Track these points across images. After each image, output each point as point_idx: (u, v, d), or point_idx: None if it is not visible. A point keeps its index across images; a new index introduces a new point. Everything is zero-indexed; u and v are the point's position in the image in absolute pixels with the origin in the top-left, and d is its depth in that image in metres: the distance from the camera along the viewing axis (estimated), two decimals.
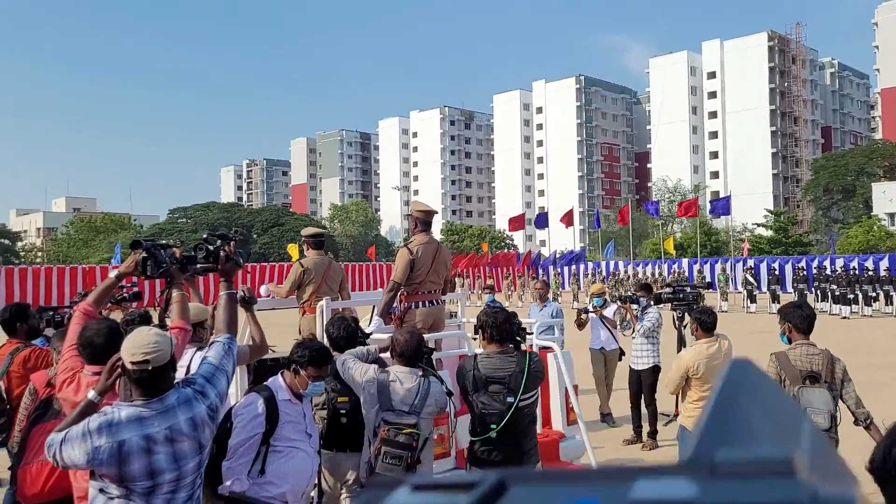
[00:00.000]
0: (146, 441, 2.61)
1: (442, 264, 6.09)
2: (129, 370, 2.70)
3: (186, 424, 2.71)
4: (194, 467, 2.76)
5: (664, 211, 62.25)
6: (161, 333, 2.81)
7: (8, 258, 60.73)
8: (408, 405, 3.93)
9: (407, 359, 4.08)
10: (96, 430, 2.58)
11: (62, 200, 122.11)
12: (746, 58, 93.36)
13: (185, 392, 2.78)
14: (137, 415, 2.64)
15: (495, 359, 4.12)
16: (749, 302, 28.45)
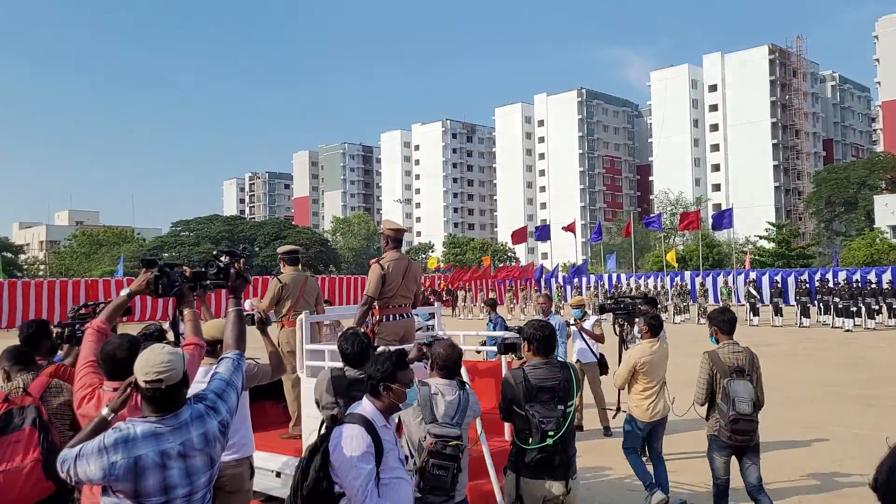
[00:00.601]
0: (161, 457, 2.63)
1: (412, 279, 6.45)
2: (143, 388, 2.73)
3: (199, 440, 2.74)
4: (205, 482, 2.78)
5: (666, 224, 62.30)
6: (174, 352, 2.84)
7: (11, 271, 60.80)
8: (450, 417, 4.05)
9: (447, 371, 4.23)
10: (112, 446, 2.60)
11: (65, 214, 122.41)
12: (747, 71, 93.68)
13: (197, 408, 2.81)
14: (152, 431, 2.66)
15: (543, 369, 4.33)
16: (752, 315, 28.40)
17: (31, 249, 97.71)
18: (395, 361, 3.56)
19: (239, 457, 4.54)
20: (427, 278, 47.39)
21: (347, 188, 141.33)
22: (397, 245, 6.50)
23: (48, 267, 78.52)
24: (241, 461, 4.57)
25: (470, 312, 38.19)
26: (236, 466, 4.53)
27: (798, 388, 13.16)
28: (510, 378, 4.38)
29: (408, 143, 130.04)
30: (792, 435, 9.40)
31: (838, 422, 10.13)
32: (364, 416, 3.43)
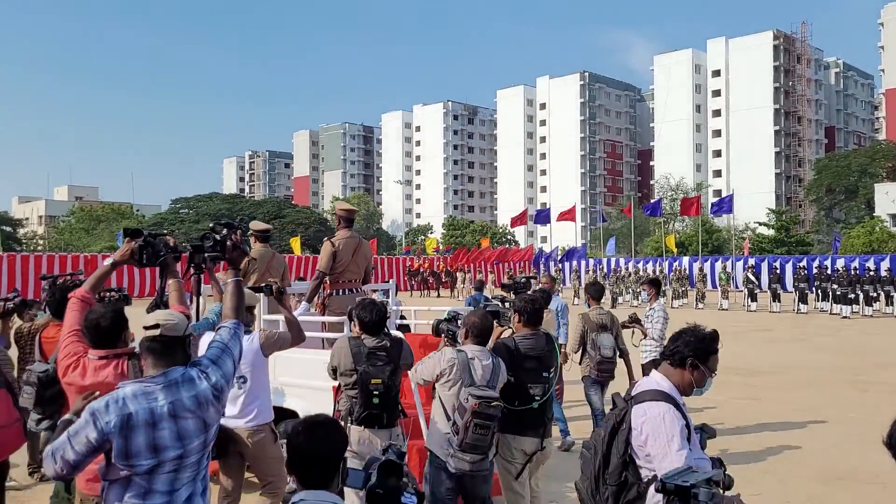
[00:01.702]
0: (151, 415, 2.61)
1: (362, 257, 6.95)
2: (143, 340, 2.77)
3: (190, 401, 2.71)
4: (199, 447, 2.74)
5: (666, 209, 62.22)
6: (180, 314, 2.90)
7: (10, 245, 60.78)
8: (486, 380, 4.29)
9: (481, 339, 4.48)
10: (104, 408, 2.60)
11: (64, 189, 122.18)
12: (751, 56, 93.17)
13: (189, 371, 2.80)
14: (142, 390, 2.66)
15: (531, 339, 4.70)
16: (749, 301, 28.48)
17: (30, 224, 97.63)
18: (713, 343, 3.30)
19: (258, 423, 4.72)
20: (426, 260, 47.40)
21: (348, 168, 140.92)
22: (349, 224, 6.98)
23: (47, 241, 78.52)
24: (261, 427, 4.74)
25: (469, 294, 38.21)
26: (258, 432, 4.71)
27: (794, 372, 13.23)
28: (502, 345, 4.68)
29: (409, 124, 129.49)
30: (788, 418, 9.45)
31: (834, 406, 10.18)
32: (664, 391, 3.14)
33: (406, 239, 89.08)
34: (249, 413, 4.71)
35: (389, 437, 4.52)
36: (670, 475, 2.29)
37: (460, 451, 4.12)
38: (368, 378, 4.42)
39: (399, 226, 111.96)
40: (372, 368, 4.46)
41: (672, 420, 2.97)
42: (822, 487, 6.67)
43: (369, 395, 4.43)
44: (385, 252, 74.53)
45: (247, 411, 4.70)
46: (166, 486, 2.65)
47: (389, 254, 69.61)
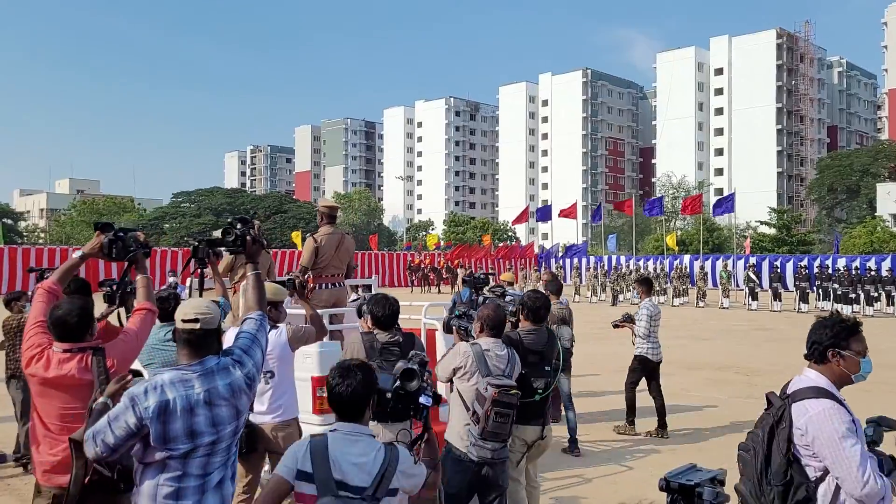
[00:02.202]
0: (188, 402, 2.72)
1: (344, 252, 7.15)
2: (179, 329, 2.86)
3: (225, 389, 2.82)
4: (231, 433, 2.85)
5: (667, 207, 62.19)
6: (213, 302, 2.99)
7: (11, 238, 60.80)
8: (502, 370, 4.40)
9: (495, 330, 4.58)
10: (143, 394, 2.69)
11: (66, 182, 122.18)
12: (754, 55, 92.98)
13: (223, 360, 2.91)
14: (180, 377, 2.76)
15: (534, 335, 4.90)
16: (750, 299, 28.49)
17: (32, 217, 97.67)
18: (848, 325, 3.21)
19: (286, 418, 4.72)
20: (427, 255, 47.41)
21: (349, 164, 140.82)
22: (331, 221, 7.17)
23: (48, 234, 78.51)
24: (289, 422, 4.75)
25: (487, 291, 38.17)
26: (286, 427, 4.71)
27: (795, 371, 13.13)
28: (508, 338, 4.78)
29: (411, 120, 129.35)
30: None
31: None
32: (823, 388, 3.06)
33: (407, 235, 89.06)
34: (277, 409, 4.71)
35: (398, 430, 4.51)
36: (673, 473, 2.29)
37: (482, 439, 4.23)
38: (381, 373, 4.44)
39: (400, 221, 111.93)
40: (385, 364, 4.46)
41: (836, 416, 2.88)
42: None
43: (382, 391, 4.44)
44: (386, 247, 74.53)
45: (274, 406, 4.70)
46: (199, 470, 2.75)
47: (390, 249, 69.61)
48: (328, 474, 2.69)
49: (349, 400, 2.81)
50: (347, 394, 2.80)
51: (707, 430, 8.86)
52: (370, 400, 2.90)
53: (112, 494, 3.07)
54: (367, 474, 2.71)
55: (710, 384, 11.91)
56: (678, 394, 11.04)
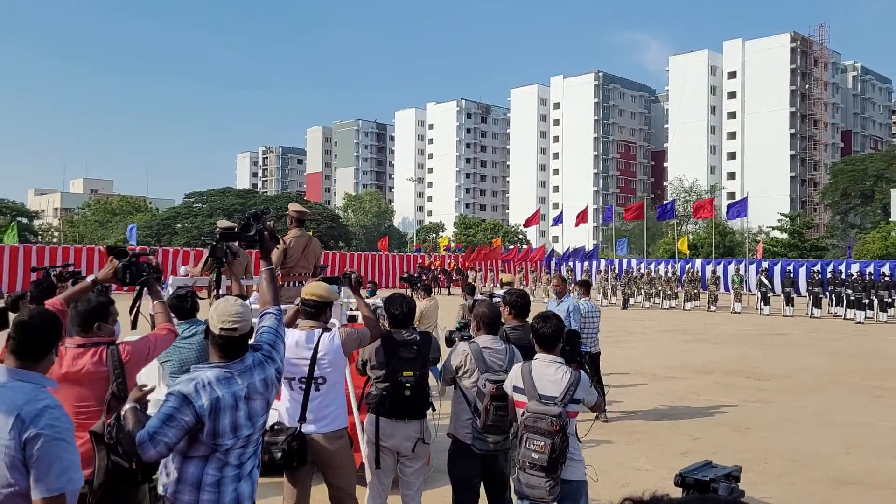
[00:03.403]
0: (234, 398, 2.86)
1: (311, 253, 7.67)
2: (216, 335, 2.94)
3: (261, 384, 2.97)
4: (262, 425, 3.01)
5: (679, 210, 61.96)
6: (244, 304, 3.06)
7: (25, 237, 61.29)
8: (499, 366, 4.51)
9: (491, 327, 4.71)
10: (195, 392, 2.81)
11: (80, 181, 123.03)
12: (768, 58, 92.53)
13: (257, 356, 3.04)
14: (223, 375, 2.89)
15: (520, 331, 5.04)
16: (762, 304, 28.34)
17: (46, 216, 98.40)
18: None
19: (336, 428, 4.37)
20: (437, 258, 47.44)
21: (360, 165, 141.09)
22: (300, 224, 7.71)
23: (62, 234, 79.06)
24: (339, 432, 4.39)
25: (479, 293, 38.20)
26: (338, 438, 4.37)
27: (806, 376, 13.17)
28: None
29: (422, 122, 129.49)
30: (800, 423, 9.43)
31: (847, 411, 10.14)
32: None
33: (417, 237, 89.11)
34: (326, 416, 4.35)
35: (419, 428, 4.64)
36: (689, 469, 2.32)
37: (483, 432, 4.33)
38: (400, 371, 4.52)
39: (411, 223, 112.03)
40: (403, 362, 4.57)
41: None
42: (833, 492, 6.66)
43: (401, 388, 4.54)
44: (396, 249, 74.59)
45: (324, 414, 4.34)
46: (237, 460, 2.91)
47: (400, 251, 69.66)
48: (533, 387, 3.93)
49: (549, 336, 4.06)
50: (548, 333, 4.06)
51: (719, 433, 8.85)
52: (560, 337, 4.09)
53: (131, 485, 3.13)
54: (557, 387, 3.91)
55: (720, 388, 11.89)
56: (688, 397, 11.03)
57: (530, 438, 3.84)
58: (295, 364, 4.18)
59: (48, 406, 2.43)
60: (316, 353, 4.17)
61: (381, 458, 4.64)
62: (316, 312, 4.28)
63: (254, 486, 3.01)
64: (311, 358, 4.17)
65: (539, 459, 3.79)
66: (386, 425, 4.60)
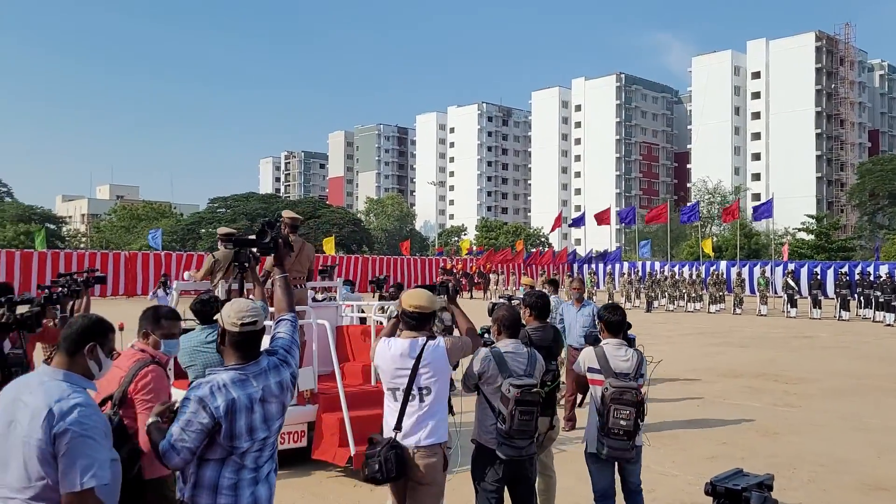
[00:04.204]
0: (249, 400, 2.87)
1: (305, 258, 8.03)
2: (235, 333, 2.95)
3: (276, 387, 2.97)
4: (277, 429, 3.00)
5: (703, 212, 61.39)
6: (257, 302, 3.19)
7: (53, 243, 62.26)
8: (523, 370, 4.50)
9: (512, 330, 4.70)
10: (210, 395, 2.81)
11: (106, 188, 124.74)
12: (793, 58, 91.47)
13: (272, 359, 3.06)
14: (239, 377, 2.90)
15: (541, 331, 5.21)
16: (789, 307, 27.97)
17: (73, 222, 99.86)
18: None
19: (432, 441, 4.04)
20: (458, 261, 47.44)
21: (382, 169, 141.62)
22: (293, 230, 7.95)
23: (89, 239, 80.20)
24: (434, 448, 4.05)
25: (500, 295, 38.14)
26: (432, 453, 4.04)
27: (836, 380, 12.95)
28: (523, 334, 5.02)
29: (443, 126, 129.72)
30: (830, 427, 9.26)
31: (877, 415, 9.95)
32: None
33: (439, 240, 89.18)
34: (423, 429, 4.02)
35: None
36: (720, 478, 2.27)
37: (509, 438, 4.32)
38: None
39: (432, 227, 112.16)
40: None
41: None
42: (865, 498, 6.53)
43: None
44: (418, 253, 74.68)
45: (421, 426, 4.02)
46: (253, 463, 2.92)
47: (422, 254, 69.76)
48: (609, 367, 4.75)
49: (618, 323, 4.95)
50: (617, 320, 4.97)
51: (747, 438, 8.72)
52: (625, 323, 4.89)
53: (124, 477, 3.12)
54: (629, 365, 4.77)
55: (748, 392, 11.72)
56: (715, 401, 10.89)
57: (618, 409, 4.62)
58: (399, 375, 4.03)
59: (79, 404, 2.52)
60: (418, 362, 4.00)
61: None
62: (418, 323, 4.09)
63: (271, 489, 3.01)
64: (412, 367, 4.01)
65: (626, 426, 4.62)
66: None
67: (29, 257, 33.28)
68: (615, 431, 4.61)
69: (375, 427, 6.85)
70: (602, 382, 4.75)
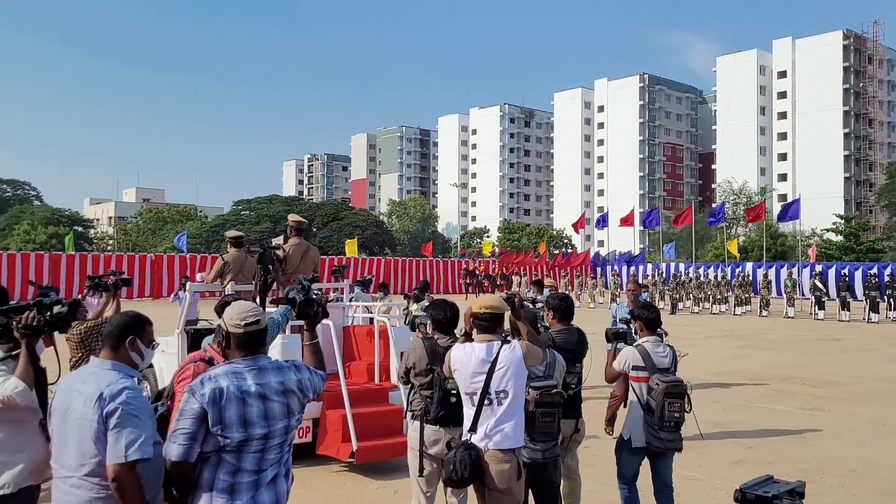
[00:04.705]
0: (240, 391, 2.85)
1: (310, 260, 8.19)
2: (237, 334, 2.99)
3: (277, 385, 2.95)
4: (282, 430, 2.95)
5: (728, 213, 60.71)
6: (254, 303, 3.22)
7: (81, 245, 63.21)
8: (542, 372, 4.47)
9: None
10: (199, 384, 2.85)
11: (132, 191, 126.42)
12: (820, 57, 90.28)
13: (277, 361, 3.07)
14: (232, 370, 2.92)
15: (565, 334, 5.19)
16: (817, 309, 27.57)
17: (101, 224, 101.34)
18: None
19: (505, 446, 3.99)
20: (481, 262, 47.37)
21: (404, 171, 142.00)
22: (299, 234, 8.18)
23: (116, 242, 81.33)
24: (507, 453, 4.00)
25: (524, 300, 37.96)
26: (502, 460, 3.98)
27: (865, 383, 12.74)
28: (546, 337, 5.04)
29: (465, 128, 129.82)
30: (860, 431, 9.10)
31: None
32: None
33: (461, 242, 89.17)
34: (501, 432, 3.99)
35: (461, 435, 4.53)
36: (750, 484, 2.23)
37: (532, 441, 4.30)
38: (446, 378, 4.45)
39: (454, 228, 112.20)
40: None
41: None
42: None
43: (447, 395, 4.50)
44: (440, 254, 74.72)
45: (496, 430, 3.99)
46: (253, 466, 2.87)
47: (445, 256, 69.77)
48: (652, 364, 4.98)
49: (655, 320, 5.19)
50: (654, 317, 5.20)
51: (774, 442, 8.60)
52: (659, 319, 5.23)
53: None
54: (668, 360, 5.04)
55: (775, 395, 11.56)
56: (742, 405, 10.76)
57: (672, 402, 4.81)
58: (477, 379, 4.04)
59: (127, 387, 2.85)
60: (494, 364, 3.99)
61: (425, 465, 4.61)
62: (491, 325, 4.12)
63: (278, 496, 2.93)
64: (488, 370, 3.99)
65: (679, 417, 4.85)
66: (431, 433, 4.58)
67: (58, 259, 33.82)
68: (669, 424, 4.82)
69: (378, 424, 7.10)
70: (646, 379, 4.95)
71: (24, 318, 3.40)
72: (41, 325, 3.43)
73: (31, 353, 3.47)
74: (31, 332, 3.43)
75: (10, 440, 3.51)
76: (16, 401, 3.40)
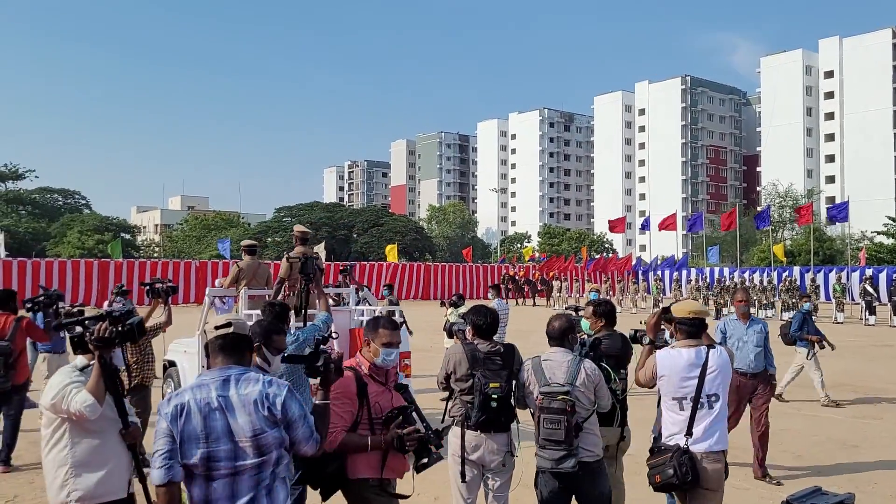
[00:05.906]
0: (202, 404, 2.85)
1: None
2: (212, 339, 3.02)
3: (240, 398, 2.87)
4: (253, 450, 2.84)
5: (774, 216, 59.44)
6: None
7: (128, 252, 64.76)
8: (561, 379, 4.37)
9: (559, 341, 4.60)
10: (166, 402, 2.92)
11: (177, 199, 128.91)
12: (868, 56, 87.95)
13: (249, 373, 2.99)
14: (198, 383, 2.94)
15: (608, 339, 5.11)
16: (867, 314, 26.78)
17: (147, 231, 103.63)
18: None
19: (717, 448, 4.21)
20: (521, 268, 47.14)
21: (443, 177, 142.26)
22: (303, 242, 8.59)
23: (162, 248, 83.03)
24: (720, 454, 4.23)
25: (565, 303, 37.72)
26: (717, 461, 4.21)
27: None
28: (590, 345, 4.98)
29: (504, 133, 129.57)
30: None
31: None
32: None
33: (501, 247, 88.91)
34: (712, 435, 4.21)
35: (506, 440, 4.54)
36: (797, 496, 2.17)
37: (539, 448, 4.25)
38: (487, 382, 4.43)
39: (494, 233, 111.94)
40: (489, 373, 4.49)
41: None
42: None
43: (488, 399, 4.45)
44: (480, 260, 74.60)
45: (711, 433, 4.21)
46: (227, 491, 2.82)
47: (484, 262, 69.65)
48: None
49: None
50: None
51: (821, 451, 8.37)
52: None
53: None
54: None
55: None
56: (789, 412, 10.51)
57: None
58: (686, 384, 4.20)
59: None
60: (705, 369, 4.14)
61: (466, 471, 4.57)
62: (696, 330, 4.30)
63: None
64: (699, 375, 4.15)
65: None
66: (472, 438, 4.52)
67: (106, 266, 34.68)
68: None
69: None
70: None
71: (97, 330, 3.44)
72: (113, 337, 3.49)
73: (103, 366, 3.51)
74: (103, 344, 3.48)
75: (90, 451, 3.56)
76: (85, 415, 3.47)
